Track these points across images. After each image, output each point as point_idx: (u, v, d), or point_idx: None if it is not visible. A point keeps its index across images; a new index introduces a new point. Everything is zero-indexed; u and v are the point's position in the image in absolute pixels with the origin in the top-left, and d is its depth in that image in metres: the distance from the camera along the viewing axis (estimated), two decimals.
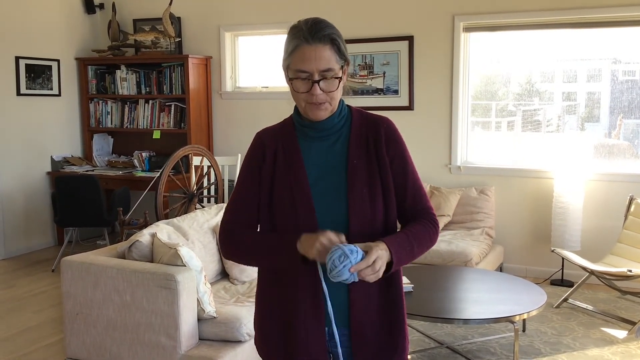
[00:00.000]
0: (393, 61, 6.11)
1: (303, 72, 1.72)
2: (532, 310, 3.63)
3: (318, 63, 1.71)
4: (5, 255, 6.41)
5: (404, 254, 1.74)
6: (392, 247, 1.71)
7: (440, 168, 6.05)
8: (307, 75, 1.72)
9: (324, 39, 1.71)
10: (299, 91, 1.75)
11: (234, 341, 3.30)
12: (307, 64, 1.71)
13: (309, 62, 1.71)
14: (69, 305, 3.50)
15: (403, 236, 1.77)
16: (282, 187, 1.81)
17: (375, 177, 1.81)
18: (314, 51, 1.70)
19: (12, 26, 6.39)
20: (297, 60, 1.72)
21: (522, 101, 6.02)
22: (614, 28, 5.44)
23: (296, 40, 1.72)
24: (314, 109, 1.77)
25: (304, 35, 1.71)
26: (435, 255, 4.94)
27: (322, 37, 1.71)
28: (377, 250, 1.66)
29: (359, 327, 1.82)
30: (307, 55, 1.71)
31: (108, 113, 7.16)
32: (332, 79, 1.73)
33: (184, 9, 6.92)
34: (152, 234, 3.59)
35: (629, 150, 5.64)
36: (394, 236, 1.77)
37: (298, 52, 1.72)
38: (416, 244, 1.78)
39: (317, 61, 1.71)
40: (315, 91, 1.72)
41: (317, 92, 1.73)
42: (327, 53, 1.72)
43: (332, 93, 1.75)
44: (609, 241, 5.29)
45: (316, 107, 1.76)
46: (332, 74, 1.73)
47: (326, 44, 1.72)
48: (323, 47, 1.71)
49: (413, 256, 1.79)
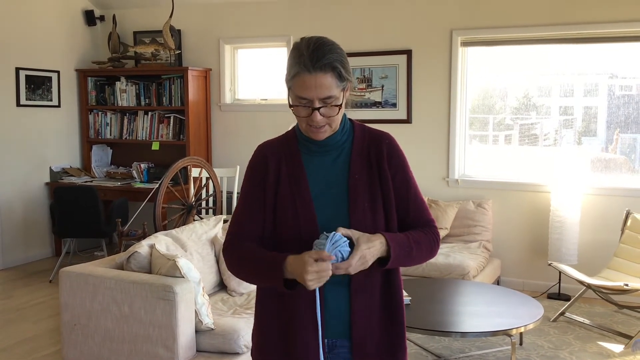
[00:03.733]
0: (391, 75, 6.15)
1: (304, 99, 1.74)
2: (529, 324, 3.63)
3: (318, 91, 1.72)
4: (3, 265, 6.40)
5: (402, 252, 1.75)
6: (391, 242, 1.73)
7: (438, 181, 6.08)
8: (307, 102, 1.74)
9: (324, 67, 1.71)
10: (300, 115, 1.78)
11: (232, 353, 3.30)
12: (308, 92, 1.72)
13: (309, 90, 1.72)
14: (66, 316, 3.50)
15: (403, 237, 1.79)
16: (285, 200, 1.82)
17: (376, 191, 1.83)
18: (314, 80, 1.71)
19: (13, 37, 6.42)
20: (297, 87, 1.74)
21: (519, 115, 6.05)
22: (611, 43, 5.49)
23: (297, 67, 1.73)
24: (314, 132, 1.79)
25: (304, 64, 1.71)
26: (432, 268, 4.96)
27: (323, 65, 1.71)
28: (363, 251, 1.68)
29: (361, 339, 1.82)
30: (307, 84, 1.72)
31: (107, 124, 7.18)
32: (332, 106, 1.75)
33: (184, 22, 6.97)
34: (150, 245, 3.60)
35: (625, 164, 5.67)
36: (395, 234, 1.78)
37: (299, 80, 1.73)
38: (415, 247, 1.79)
39: (318, 89, 1.72)
40: (315, 118, 1.75)
41: (317, 119, 1.75)
42: (328, 81, 1.72)
43: (332, 118, 1.78)
44: (605, 255, 5.30)
45: (316, 130, 1.79)
46: (332, 100, 1.74)
47: (327, 72, 1.72)
48: (324, 76, 1.71)
49: (411, 258, 1.80)
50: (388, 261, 1.73)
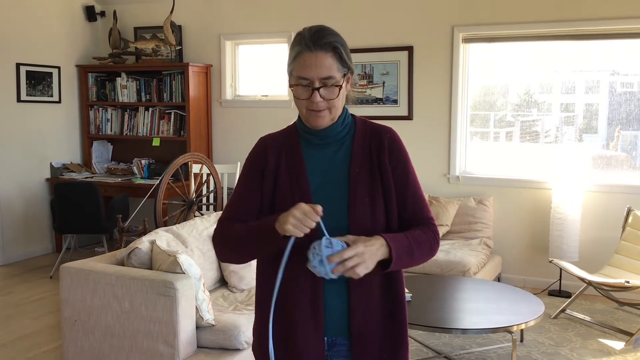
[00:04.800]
0: (392, 71, 6.14)
1: (304, 79, 1.73)
2: (529, 321, 3.63)
3: (318, 70, 1.72)
4: (3, 261, 6.40)
5: (403, 253, 1.72)
6: (391, 243, 1.70)
7: (438, 178, 6.07)
8: (308, 82, 1.73)
9: (325, 46, 1.72)
10: (300, 97, 1.76)
11: (232, 349, 3.30)
12: (308, 71, 1.72)
13: (309, 69, 1.72)
14: (67, 312, 3.49)
15: (403, 237, 1.76)
16: (284, 193, 1.81)
17: (376, 185, 1.81)
18: (315, 58, 1.72)
19: (13, 33, 6.41)
20: (298, 67, 1.74)
21: (520, 112, 6.04)
22: (613, 40, 5.48)
23: (298, 47, 1.74)
24: (314, 116, 1.77)
25: (305, 43, 1.73)
26: (433, 264, 4.95)
27: (324, 44, 1.72)
28: (359, 247, 1.64)
29: (360, 337, 1.81)
30: (307, 63, 1.72)
31: (108, 120, 7.17)
32: (332, 86, 1.74)
33: (185, 17, 6.96)
34: (151, 241, 3.60)
35: (626, 161, 5.66)
36: (394, 235, 1.75)
37: (300, 59, 1.73)
38: (416, 247, 1.76)
39: (318, 68, 1.72)
40: (315, 98, 1.73)
41: (317, 100, 1.73)
42: (328, 61, 1.73)
43: (333, 101, 1.76)
44: (606, 252, 5.29)
45: (316, 115, 1.77)
46: (333, 81, 1.74)
47: (327, 51, 1.73)
48: (324, 55, 1.72)
49: (412, 258, 1.77)
50: (390, 263, 1.71)
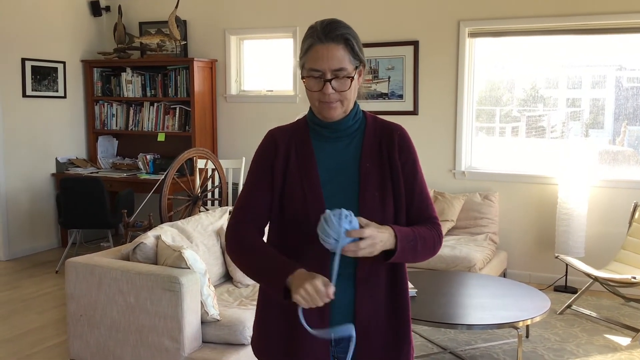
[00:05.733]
0: (398, 66, 6.12)
1: (316, 70, 1.74)
2: (535, 317, 3.62)
3: (330, 62, 1.72)
4: (9, 256, 6.42)
5: (407, 246, 1.73)
6: (398, 234, 1.70)
7: (444, 173, 6.05)
8: (320, 74, 1.74)
9: (337, 38, 1.73)
10: (312, 89, 1.77)
11: (237, 344, 3.30)
12: (320, 63, 1.73)
13: (321, 61, 1.72)
14: (72, 307, 3.50)
15: (410, 231, 1.76)
16: (294, 185, 1.81)
17: (386, 181, 1.82)
18: (327, 50, 1.72)
19: (19, 28, 6.41)
20: (310, 59, 1.75)
21: (526, 107, 6.02)
22: (619, 35, 5.44)
23: (310, 39, 1.75)
24: (326, 108, 1.78)
25: (317, 35, 1.74)
26: (438, 260, 4.94)
27: (336, 36, 1.73)
28: (374, 231, 1.63)
29: (365, 330, 1.81)
30: (319, 54, 1.73)
31: (113, 115, 7.18)
32: (344, 78, 1.74)
33: (190, 12, 6.95)
34: (156, 237, 3.60)
35: (633, 157, 5.63)
36: (402, 227, 1.76)
37: (312, 51, 1.74)
38: (420, 242, 1.77)
39: (330, 60, 1.72)
40: (327, 90, 1.74)
41: (329, 91, 1.74)
42: (340, 52, 1.73)
43: (344, 93, 1.76)
44: (613, 248, 5.28)
45: (327, 106, 1.77)
46: (345, 73, 1.74)
47: (339, 43, 1.73)
48: (336, 47, 1.73)
49: (415, 253, 1.77)
50: (393, 254, 1.71)
